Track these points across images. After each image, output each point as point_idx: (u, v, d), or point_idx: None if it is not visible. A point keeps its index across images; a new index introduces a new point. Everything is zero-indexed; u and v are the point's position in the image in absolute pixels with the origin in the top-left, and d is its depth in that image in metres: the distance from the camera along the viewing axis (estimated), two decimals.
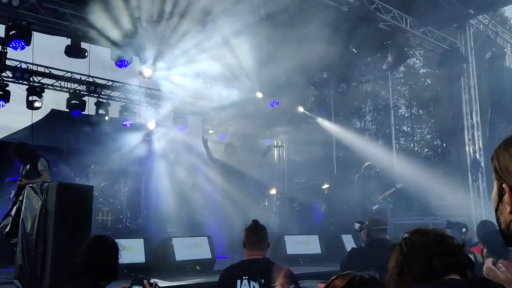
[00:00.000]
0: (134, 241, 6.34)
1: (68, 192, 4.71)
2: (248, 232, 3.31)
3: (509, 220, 1.06)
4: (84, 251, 3.04)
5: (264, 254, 3.28)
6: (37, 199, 4.56)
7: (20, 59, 10.31)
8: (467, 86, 10.53)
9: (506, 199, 1.05)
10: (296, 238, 8.12)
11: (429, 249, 1.63)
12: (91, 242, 3.13)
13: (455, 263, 1.58)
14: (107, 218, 9.71)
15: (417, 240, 1.68)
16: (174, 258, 6.33)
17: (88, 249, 3.05)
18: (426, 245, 1.64)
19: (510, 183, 1.04)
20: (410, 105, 25.56)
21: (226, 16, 8.74)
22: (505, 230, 1.08)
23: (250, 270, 3.15)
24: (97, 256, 3.00)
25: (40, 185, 4.65)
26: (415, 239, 1.69)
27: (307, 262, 7.58)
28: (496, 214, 1.11)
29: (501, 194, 1.07)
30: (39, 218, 4.47)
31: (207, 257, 6.67)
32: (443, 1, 9.38)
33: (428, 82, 25.09)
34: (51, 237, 4.41)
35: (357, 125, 24.00)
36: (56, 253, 4.40)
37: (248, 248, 3.29)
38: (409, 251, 1.67)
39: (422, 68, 25.42)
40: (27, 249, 4.57)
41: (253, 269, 3.14)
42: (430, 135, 25.76)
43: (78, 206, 4.71)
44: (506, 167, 1.06)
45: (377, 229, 3.91)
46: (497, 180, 1.09)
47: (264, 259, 3.24)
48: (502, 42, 11.91)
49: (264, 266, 3.13)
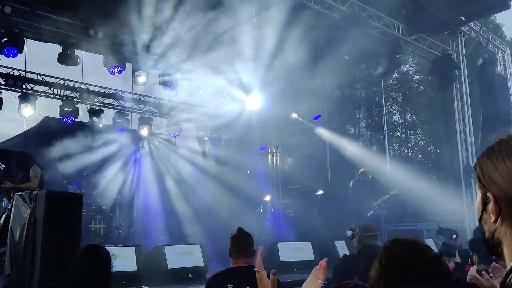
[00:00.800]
0: (126, 249, 6.29)
1: (57, 201, 4.66)
2: (233, 240, 3.30)
3: (493, 229, 1.04)
4: (77, 260, 3.00)
5: (249, 261, 3.27)
6: (26, 208, 4.52)
7: (12, 66, 10.29)
8: (459, 93, 10.59)
9: (491, 208, 1.04)
10: (289, 245, 8.11)
11: (405, 261, 1.66)
12: (84, 251, 3.09)
13: (431, 274, 1.61)
14: (100, 226, 9.67)
15: (395, 251, 1.71)
16: (166, 266, 6.28)
17: (81, 258, 3.01)
18: (403, 256, 1.67)
19: (494, 191, 1.03)
20: (403, 111, 25.67)
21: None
22: (489, 239, 1.07)
23: (235, 278, 3.15)
24: (90, 266, 2.96)
25: (29, 193, 4.60)
26: (393, 251, 1.71)
27: (300, 269, 7.55)
28: (480, 223, 1.10)
29: (485, 202, 1.06)
30: (27, 226, 4.43)
31: (200, 264, 6.64)
32: (434, 8, 9.45)
33: (421, 88, 25.22)
34: (40, 246, 4.36)
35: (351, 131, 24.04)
36: (45, 262, 4.35)
37: (233, 256, 3.29)
38: (387, 263, 1.70)
39: (415, 75, 25.57)
40: (16, 258, 4.52)
41: (238, 277, 3.15)
42: (424, 141, 25.86)
43: (67, 214, 4.65)
44: (489, 175, 1.05)
45: (368, 235, 3.92)
46: (481, 189, 1.08)
47: (249, 267, 3.22)
48: (493, 48, 12.01)
49: (249, 273, 3.12)
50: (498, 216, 1.02)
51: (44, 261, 4.35)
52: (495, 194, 1.02)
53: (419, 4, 9.05)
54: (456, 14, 10.00)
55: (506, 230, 1.01)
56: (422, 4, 9.10)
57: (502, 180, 1.00)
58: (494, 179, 1.03)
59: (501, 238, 1.03)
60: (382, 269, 1.71)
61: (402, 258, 1.68)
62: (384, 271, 1.69)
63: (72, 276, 2.96)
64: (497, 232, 1.03)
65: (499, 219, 1.02)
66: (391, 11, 9.18)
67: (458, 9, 9.91)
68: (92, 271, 2.94)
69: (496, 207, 1.02)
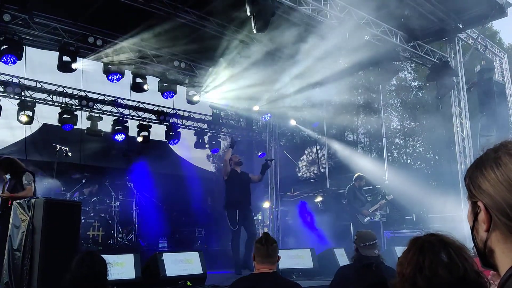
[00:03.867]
0: (124, 257, 6.26)
1: (55, 208, 4.66)
2: (258, 245, 3.22)
3: (485, 238, 1.06)
4: (73, 267, 3.01)
5: (273, 268, 3.22)
6: (24, 216, 4.52)
7: (11, 73, 10.31)
8: (457, 99, 10.61)
9: (482, 217, 1.06)
10: (288, 252, 8.07)
11: None
12: (80, 258, 3.10)
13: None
14: (98, 233, 9.63)
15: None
16: (164, 274, 6.25)
17: (77, 265, 3.02)
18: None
19: (484, 200, 1.04)
20: (402, 118, 25.71)
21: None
22: (481, 249, 1.08)
23: (258, 284, 3.10)
24: (86, 273, 2.97)
25: (27, 201, 4.60)
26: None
27: (300, 277, 7.52)
28: (472, 233, 1.11)
29: (476, 212, 1.08)
30: (26, 234, 4.42)
31: (198, 272, 6.60)
32: (432, 16, 9.50)
33: (419, 95, 25.29)
34: (38, 254, 4.36)
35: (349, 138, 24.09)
36: (43, 270, 4.34)
37: (257, 261, 3.20)
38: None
39: (414, 81, 25.64)
40: (14, 266, 4.51)
41: (261, 284, 3.09)
42: (423, 148, 25.87)
43: (65, 222, 4.66)
44: (479, 185, 1.06)
45: (365, 245, 3.81)
46: (471, 199, 1.10)
47: (274, 274, 3.19)
48: (491, 55, 12.05)
49: (273, 280, 3.11)
50: (489, 225, 1.03)
51: (42, 269, 4.35)
52: (485, 203, 1.04)
53: (417, 12, 9.10)
54: (454, 21, 10.04)
55: (498, 238, 1.02)
56: (420, 12, 9.15)
57: (492, 189, 1.02)
58: (484, 188, 1.04)
59: (493, 247, 1.04)
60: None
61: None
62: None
63: (69, 283, 2.96)
64: (489, 241, 1.04)
65: (490, 228, 1.03)
66: (389, 18, 9.22)
67: (455, 17, 9.96)
68: (88, 278, 2.95)
69: (487, 215, 1.03)
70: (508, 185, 0.99)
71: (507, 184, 0.99)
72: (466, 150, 10.33)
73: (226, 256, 9.78)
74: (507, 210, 0.98)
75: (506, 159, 1.02)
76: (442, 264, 1.40)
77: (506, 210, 0.98)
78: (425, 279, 1.41)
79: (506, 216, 0.98)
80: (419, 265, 1.44)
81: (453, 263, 1.40)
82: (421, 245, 1.48)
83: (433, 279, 1.40)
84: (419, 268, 1.43)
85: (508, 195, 0.99)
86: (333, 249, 8.27)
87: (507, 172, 1.00)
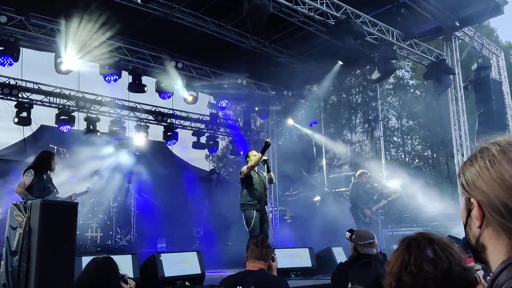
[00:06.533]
0: (122, 258, 6.24)
1: (52, 210, 4.65)
2: (253, 246, 3.39)
3: (478, 234, 1.06)
4: (91, 271, 3.02)
5: (263, 267, 3.37)
6: (21, 217, 4.51)
7: (8, 75, 10.28)
8: (454, 97, 10.64)
9: (475, 213, 1.06)
10: (287, 251, 8.06)
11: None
12: (99, 263, 3.12)
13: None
14: (97, 234, 9.62)
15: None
16: (163, 274, 6.25)
17: (96, 269, 3.05)
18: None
19: (477, 197, 1.05)
20: (400, 116, 25.75)
21: None
22: (474, 245, 1.08)
23: (244, 280, 3.24)
24: (104, 277, 3.02)
25: (24, 202, 4.59)
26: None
27: (298, 276, 7.52)
28: (465, 229, 1.12)
29: (469, 209, 1.08)
30: (23, 236, 4.41)
31: (197, 272, 6.59)
32: (428, 14, 9.51)
33: (417, 93, 25.33)
34: (35, 255, 4.35)
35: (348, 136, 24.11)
36: (40, 270, 4.33)
37: (249, 261, 3.37)
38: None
39: (411, 80, 25.68)
40: (11, 268, 4.50)
41: (247, 279, 3.23)
42: (421, 146, 25.91)
43: (62, 223, 4.65)
44: (473, 181, 1.07)
45: (363, 244, 3.79)
46: (465, 196, 1.10)
47: (260, 270, 3.33)
48: (488, 53, 12.07)
49: (258, 276, 3.25)
50: (482, 221, 1.04)
51: (39, 269, 4.34)
52: (478, 200, 1.04)
53: (413, 10, 9.11)
54: (450, 19, 10.06)
55: (490, 235, 1.03)
56: (416, 10, 9.16)
57: (485, 186, 1.02)
58: (477, 185, 1.05)
59: (485, 243, 1.04)
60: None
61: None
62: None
63: (82, 285, 2.99)
64: (481, 237, 1.05)
65: (483, 224, 1.04)
66: (386, 17, 9.24)
67: (452, 15, 9.98)
68: (104, 282, 3.01)
69: (480, 212, 1.04)
70: (501, 182, 0.99)
71: (500, 181, 1.00)
72: (463, 148, 10.36)
73: (224, 256, 9.79)
74: (499, 207, 0.98)
75: (499, 156, 1.02)
76: (427, 260, 1.41)
77: (499, 207, 0.99)
78: (410, 274, 1.41)
79: (499, 213, 0.99)
80: (404, 262, 1.45)
81: (438, 258, 1.41)
82: (408, 244, 1.50)
83: (418, 274, 1.40)
84: (404, 265, 1.44)
85: (501, 192, 0.99)
86: (331, 248, 8.27)
87: (500, 169, 1.01)
